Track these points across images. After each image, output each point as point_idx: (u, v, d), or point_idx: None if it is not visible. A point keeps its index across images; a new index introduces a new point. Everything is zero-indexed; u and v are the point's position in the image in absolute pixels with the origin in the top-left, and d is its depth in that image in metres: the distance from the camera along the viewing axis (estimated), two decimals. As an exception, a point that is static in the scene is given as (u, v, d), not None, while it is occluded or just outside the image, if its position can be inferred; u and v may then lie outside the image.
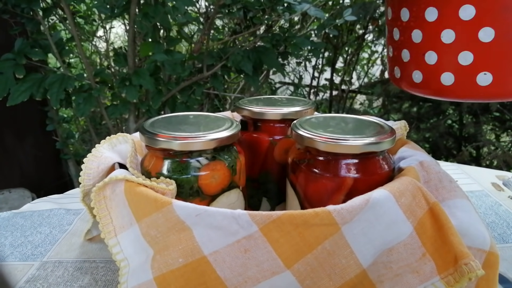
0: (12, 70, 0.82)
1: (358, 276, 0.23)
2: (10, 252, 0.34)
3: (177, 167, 0.26)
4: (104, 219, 0.26)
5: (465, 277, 0.21)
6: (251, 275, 0.22)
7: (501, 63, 0.23)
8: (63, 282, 0.30)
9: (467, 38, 0.23)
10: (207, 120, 0.30)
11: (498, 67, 0.23)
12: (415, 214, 0.23)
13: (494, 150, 1.18)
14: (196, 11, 1.15)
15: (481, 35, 0.22)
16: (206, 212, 0.22)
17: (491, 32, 0.22)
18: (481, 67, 0.23)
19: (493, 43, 0.22)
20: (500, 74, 0.23)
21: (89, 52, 1.39)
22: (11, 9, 0.88)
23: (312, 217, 0.22)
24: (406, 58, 0.27)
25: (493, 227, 0.37)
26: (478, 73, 0.23)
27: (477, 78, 0.24)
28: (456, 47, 0.23)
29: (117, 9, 0.86)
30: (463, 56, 0.23)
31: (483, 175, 0.49)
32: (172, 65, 0.86)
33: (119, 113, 0.93)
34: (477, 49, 0.23)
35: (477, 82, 0.24)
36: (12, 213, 0.41)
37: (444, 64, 0.24)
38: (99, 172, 0.29)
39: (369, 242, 0.22)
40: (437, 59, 0.24)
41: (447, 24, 0.23)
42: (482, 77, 0.23)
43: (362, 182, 0.25)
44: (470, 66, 0.23)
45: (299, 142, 0.27)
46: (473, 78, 0.24)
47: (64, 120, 1.18)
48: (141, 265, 0.24)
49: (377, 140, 0.25)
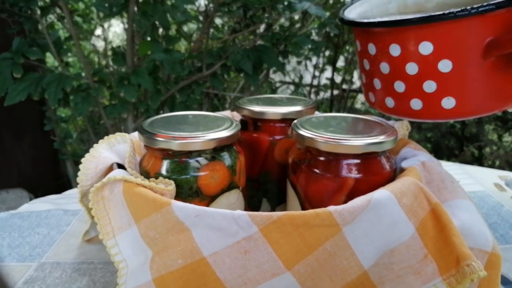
0: (9, 69, 0.81)
1: (359, 278, 0.22)
2: (8, 253, 0.34)
3: (176, 167, 0.26)
4: (102, 220, 0.26)
5: (467, 278, 0.21)
6: (251, 277, 0.22)
7: (461, 89, 0.26)
8: (61, 284, 0.30)
9: (429, 69, 0.26)
10: (207, 120, 0.30)
11: (459, 93, 0.26)
12: (417, 215, 0.23)
13: (496, 150, 1.18)
14: (195, 10, 1.15)
15: (440, 67, 0.25)
16: (206, 212, 0.22)
17: (449, 63, 0.25)
18: (444, 93, 0.26)
19: (451, 72, 0.25)
20: (461, 98, 0.26)
21: (87, 51, 1.39)
22: (9, 8, 0.87)
23: (313, 218, 0.21)
24: (378, 86, 0.30)
25: (495, 227, 0.37)
26: (442, 98, 0.26)
27: (442, 102, 0.26)
28: (420, 77, 0.26)
29: (115, 8, 0.85)
30: (427, 84, 0.26)
31: (485, 175, 0.49)
32: (171, 64, 0.86)
33: (118, 112, 0.92)
34: (439, 79, 0.26)
35: (442, 106, 0.27)
36: (10, 214, 0.41)
37: (412, 92, 0.27)
38: (97, 173, 0.28)
39: (371, 243, 0.22)
40: (404, 88, 0.27)
41: (410, 59, 0.26)
42: (446, 101, 0.26)
43: (364, 182, 0.25)
44: (435, 93, 0.26)
45: (300, 142, 0.27)
46: (438, 103, 0.27)
47: (62, 120, 1.18)
48: (140, 267, 0.24)
49: (379, 140, 0.25)
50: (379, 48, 0.27)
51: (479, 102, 0.27)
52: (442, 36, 0.24)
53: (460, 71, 0.25)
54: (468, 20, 0.24)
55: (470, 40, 0.24)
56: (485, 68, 0.25)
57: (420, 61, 0.26)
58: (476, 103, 0.27)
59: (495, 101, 0.27)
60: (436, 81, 0.26)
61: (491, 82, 0.26)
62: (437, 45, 0.25)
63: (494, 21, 0.24)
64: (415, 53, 0.25)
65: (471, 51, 0.25)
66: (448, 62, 0.25)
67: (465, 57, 0.25)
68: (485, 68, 0.25)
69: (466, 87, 0.26)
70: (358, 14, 0.32)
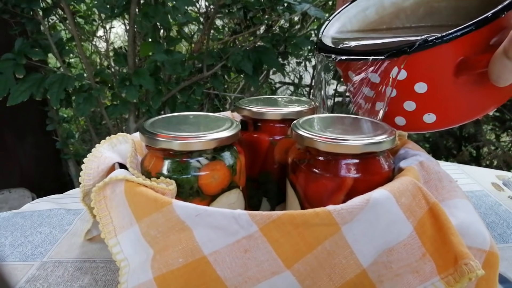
0: (12, 70, 0.82)
1: (358, 276, 0.23)
2: (10, 252, 0.34)
3: (177, 167, 0.26)
4: (104, 219, 0.26)
5: (465, 277, 0.21)
6: (251, 275, 0.22)
7: (439, 106, 0.28)
8: (63, 282, 0.30)
9: (406, 92, 0.27)
10: (207, 120, 0.30)
11: (437, 109, 0.28)
12: (415, 214, 0.23)
13: (494, 150, 1.18)
14: (196, 11, 1.15)
15: (416, 88, 0.27)
16: (206, 212, 0.22)
17: (424, 85, 0.26)
18: (424, 110, 0.28)
19: (428, 92, 0.27)
20: (441, 113, 0.28)
21: (89, 52, 1.39)
22: (11, 9, 0.88)
23: (312, 217, 0.22)
24: (363, 105, 0.31)
25: (493, 227, 0.37)
26: (423, 115, 0.28)
27: (423, 118, 0.28)
28: (400, 99, 0.28)
29: (117, 9, 0.86)
30: (407, 104, 0.28)
31: (483, 175, 0.49)
32: (172, 65, 0.86)
33: (119, 113, 0.93)
34: (417, 99, 0.27)
35: (424, 121, 0.28)
36: (12, 213, 0.41)
37: (394, 111, 0.29)
38: (99, 172, 0.29)
39: (369, 242, 0.22)
40: (387, 108, 0.29)
41: (387, 84, 0.28)
42: (427, 117, 0.28)
43: (362, 182, 0.25)
44: (415, 111, 0.28)
45: (299, 142, 0.27)
46: (420, 119, 0.28)
47: (64, 120, 1.18)
48: (141, 265, 0.24)
49: (378, 140, 0.25)
50: (359, 75, 0.29)
51: (458, 114, 0.28)
52: (414, 64, 0.26)
53: (436, 90, 0.26)
54: (438, 47, 0.25)
55: (442, 63, 0.25)
56: (459, 84, 0.26)
57: (397, 86, 0.27)
58: (455, 115, 0.28)
59: (473, 112, 0.28)
60: (414, 101, 0.28)
61: (467, 96, 0.27)
62: (410, 71, 0.26)
63: (463, 42, 0.24)
64: (392, 79, 0.27)
65: (444, 72, 0.26)
66: (423, 84, 0.26)
67: (438, 78, 0.26)
68: (459, 84, 0.26)
69: (443, 104, 0.27)
70: (337, 29, 0.33)
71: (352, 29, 0.34)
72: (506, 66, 0.23)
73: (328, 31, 0.32)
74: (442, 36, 0.24)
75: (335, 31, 0.33)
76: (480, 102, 0.28)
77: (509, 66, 0.23)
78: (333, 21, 0.33)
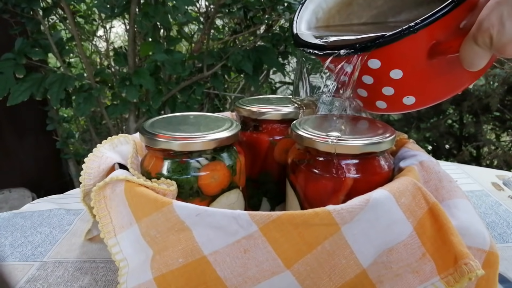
0: (12, 69, 0.82)
1: (358, 276, 0.23)
2: (10, 252, 0.34)
3: (177, 167, 0.26)
4: (103, 219, 0.26)
5: (465, 277, 0.21)
6: (251, 275, 0.22)
7: (416, 88, 0.28)
8: (63, 282, 0.30)
9: (382, 79, 0.28)
10: (207, 121, 0.30)
11: (415, 91, 0.28)
12: (415, 214, 0.23)
13: (494, 149, 1.18)
14: (196, 11, 1.15)
15: (392, 75, 0.27)
16: (206, 212, 0.22)
17: (399, 72, 0.26)
18: (402, 94, 0.28)
19: (404, 78, 0.27)
20: (419, 94, 0.28)
21: (89, 51, 1.39)
22: (11, 9, 0.88)
23: (312, 217, 0.22)
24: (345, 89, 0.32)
25: (493, 226, 0.37)
26: (402, 98, 0.28)
27: (403, 101, 0.29)
28: (376, 85, 0.28)
29: (117, 9, 0.86)
30: (385, 90, 0.28)
31: (483, 174, 0.49)
32: (172, 65, 0.86)
33: (119, 112, 0.93)
34: (394, 84, 0.28)
35: (404, 103, 0.29)
36: (12, 213, 0.41)
37: (374, 97, 0.29)
38: (100, 172, 0.29)
39: (369, 242, 0.22)
40: (367, 94, 0.30)
41: (363, 72, 0.28)
42: (407, 99, 0.28)
43: (362, 182, 0.25)
44: (394, 96, 0.28)
45: (299, 142, 0.27)
46: (400, 102, 0.29)
47: (64, 120, 1.18)
48: (141, 265, 0.24)
49: (377, 141, 0.25)
50: (335, 65, 0.29)
51: (436, 94, 0.28)
52: (387, 54, 0.26)
53: (411, 75, 0.27)
54: (407, 38, 0.24)
55: (413, 50, 0.25)
56: (434, 66, 0.26)
57: (372, 74, 0.27)
58: (434, 95, 0.29)
59: (451, 89, 0.28)
60: (392, 86, 0.28)
61: (443, 75, 0.27)
62: (384, 60, 0.26)
63: (432, 29, 0.24)
64: (366, 68, 0.27)
65: (417, 57, 0.26)
66: (398, 71, 0.26)
67: (412, 64, 0.26)
68: (434, 66, 0.26)
69: (421, 86, 0.27)
70: (312, 11, 0.33)
71: (327, 10, 0.33)
72: (477, 53, 0.23)
73: (301, 21, 0.32)
74: (409, 27, 0.24)
75: (307, 18, 0.32)
76: (457, 79, 0.28)
77: (480, 53, 0.23)
78: (304, 8, 0.33)
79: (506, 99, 1.15)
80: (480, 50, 0.23)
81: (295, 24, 0.32)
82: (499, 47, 0.22)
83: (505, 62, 0.86)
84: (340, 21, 0.35)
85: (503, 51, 0.23)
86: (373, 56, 0.26)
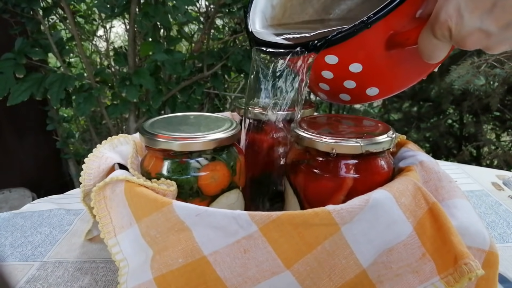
0: (12, 69, 0.82)
1: (358, 276, 0.23)
2: (10, 252, 0.34)
3: (177, 167, 0.26)
4: (103, 219, 0.26)
5: (465, 277, 0.21)
6: (251, 275, 0.22)
7: (378, 79, 0.28)
8: (63, 283, 0.30)
9: (342, 73, 0.27)
10: (207, 121, 0.30)
11: (377, 83, 0.28)
12: (415, 214, 0.23)
13: (494, 149, 1.18)
14: (196, 11, 1.15)
15: (352, 69, 0.27)
16: (206, 212, 0.22)
17: (358, 65, 0.26)
18: (364, 86, 0.28)
19: (364, 70, 0.27)
20: (382, 85, 0.28)
21: (89, 51, 1.39)
22: (11, 9, 0.88)
23: (311, 217, 0.22)
24: (309, 84, 0.32)
25: (493, 226, 0.37)
26: (366, 89, 0.28)
27: (366, 92, 0.29)
28: (337, 79, 0.28)
29: (117, 9, 0.86)
30: (347, 83, 0.28)
31: (483, 174, 0.49)
32: (172, 65, 0.86)
33: (119, 112, 0.93)
34: (355, 78, 0.27)
35: (367, 94, 0.29)
36: (12, 214, 0.41)
37: (337, 90, 0.29)
38: (100, 172, 0.29)
39: (369, 242, 0.22)
40: (329, 88, 0.29)
41: (322, 68, 0.28)
42: (370, 91, 0.28)
43: (362, 182, 0.25)
44: (356, 88, 0.28)
45: (299, 143, 0.27)
46: (363, 93, 0.29)
47: (64, 120, 1.18)
48: (141, 266, 0.24)
49: (377, 141, 0.25)
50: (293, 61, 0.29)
51: (399, 83, 0.28)
52: (343, 49, 0.25)
53: (371, 68, 0.26)
54: (361, 33, 0.24)
55: (371, 43, 0.25)
56: (394, 56, 0.26)
57: (331, 69, 0.27)
58: (396, 84, 0.28)
59: (414, 77, 0.28)
60: (353, 80, 0.27)
61: (404, 65, 0.27)
62: (341, 56, 0.26)
63: (389, 19, 0.24)
64: (324, 64, 0.27)
65: (375, 50, 0.25)
66: (357, 65, 0.26)
67: (371, 57, 0.26)
68: (393, 56, 0.26)
69: (382, 77, 0.27)
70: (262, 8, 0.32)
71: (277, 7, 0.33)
72: (436, 45, 0.23)
73: (254, 15, 0.31)
74: (362, 22, 0.23)
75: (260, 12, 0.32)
76: (419, 66, 0.27)
77: (439, 45, 0.23)
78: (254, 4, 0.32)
79: (506, 99, 1.15)
80: (439, 42, 0.22)
81: (249, 22, 0.31)
82: (459, 39, 0.22)
83: (505, 62, 0.86)
84: (292, 16, 0.34)
85: (463, 44, 0.22)
86: (330, 52, 0.25)
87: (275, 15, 0.33)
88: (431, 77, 1.14)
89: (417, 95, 1.24)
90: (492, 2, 0.20)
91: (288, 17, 0.34)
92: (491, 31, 0.21)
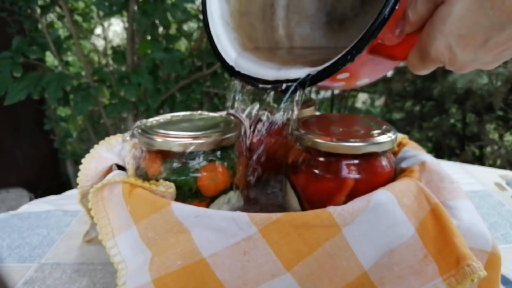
0: (9, 68, 0.81)
1: (360, 278, 0.22)
2: (8, 253, 0.34)
3: (176, 168, 0.26)
4: (102, 220, 0.26)
5: (467, 279, 0.21)
6: (251, 278, 0.22)
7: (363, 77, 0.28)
8: (61, 284, 0.30)
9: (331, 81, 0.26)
10: (206, 121, 0.30)
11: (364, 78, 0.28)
12: (417, 215, 0.23)
13: (497, 149, 1.18)
14: (195, 8, 1.14)
15: (340, 77, 0.26)
16: (205, 213, 0.22)
17: (346, 74, 0.25)
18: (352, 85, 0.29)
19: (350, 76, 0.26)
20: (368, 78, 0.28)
21: (87, 50, 1.39)
22: (9, 7, 0.87)
23: (312, 218, 0.21)
24: None
25: (496, 227, 0.37)
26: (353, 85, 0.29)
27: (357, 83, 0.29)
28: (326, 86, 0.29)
29: (115, 7, 0.85)
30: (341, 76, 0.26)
31: (486, 174, 0.49)
32: (171, 63, 0.86)
33: (118, 111, 0.92)
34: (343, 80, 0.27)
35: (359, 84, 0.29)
36: (10, 215, 0.41)
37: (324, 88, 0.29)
38: (97, 173, 0.28)
39: (371, 244, 0.22)
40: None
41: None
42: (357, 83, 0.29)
43: (363, 183, 0.25)
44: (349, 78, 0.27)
45: (300, 143, 0.27)
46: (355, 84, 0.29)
47: (62, 119, 1.18)
48: (139, 268, 0.24)
49: (379, 141, 0.25)
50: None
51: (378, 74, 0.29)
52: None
53: (357, 72, 0.27)
54: None
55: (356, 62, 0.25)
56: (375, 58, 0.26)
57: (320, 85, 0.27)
58: (375, 76, 0.29)
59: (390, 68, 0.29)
60: (341, 82, 0.28)
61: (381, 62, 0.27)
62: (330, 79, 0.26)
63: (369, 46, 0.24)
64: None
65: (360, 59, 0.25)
66: (345, 74, 0.26)
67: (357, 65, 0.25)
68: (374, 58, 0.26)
69: (371, 73, 0.28)
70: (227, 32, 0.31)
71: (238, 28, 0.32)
72: (428, 68, 0.24)
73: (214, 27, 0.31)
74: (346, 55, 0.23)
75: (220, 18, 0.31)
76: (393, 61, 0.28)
77: (431, 67, 0.24)
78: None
79: (509, 98, 1.14)
80: (432, 65, 0.23)
81: (218, 47, 0.30)
82: (454, 69, 0.23)
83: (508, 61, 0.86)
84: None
85: (459, 71, 0.23)
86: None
87: (233, 10, 0.32)
88: (434, 76, 1.14)
89: (420, 94, 1.24)
90: (484, 38, 0.20)
91: (245, 3, 0.33)
92: (487, 60, 0.22)
